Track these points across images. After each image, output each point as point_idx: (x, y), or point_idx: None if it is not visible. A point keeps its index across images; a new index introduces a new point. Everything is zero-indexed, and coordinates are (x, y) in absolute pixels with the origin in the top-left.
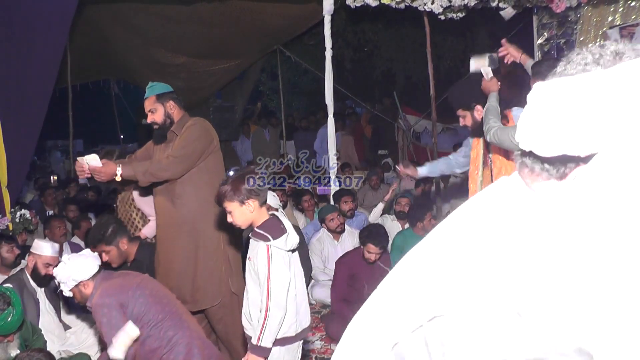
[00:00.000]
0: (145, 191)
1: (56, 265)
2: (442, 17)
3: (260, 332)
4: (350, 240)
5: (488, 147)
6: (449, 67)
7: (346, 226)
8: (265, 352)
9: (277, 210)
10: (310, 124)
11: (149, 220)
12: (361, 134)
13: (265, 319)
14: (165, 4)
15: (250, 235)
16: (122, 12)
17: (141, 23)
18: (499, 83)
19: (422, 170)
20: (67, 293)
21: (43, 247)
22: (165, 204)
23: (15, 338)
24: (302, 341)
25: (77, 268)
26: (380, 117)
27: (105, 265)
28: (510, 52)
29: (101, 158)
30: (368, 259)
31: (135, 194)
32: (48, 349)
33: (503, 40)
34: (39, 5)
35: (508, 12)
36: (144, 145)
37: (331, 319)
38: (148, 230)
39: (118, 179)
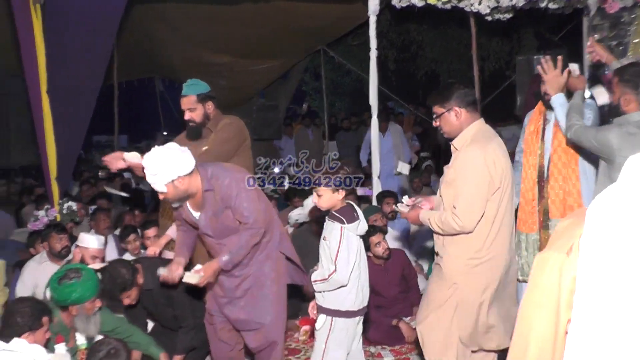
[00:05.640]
0: None
1: (100, 258)
2: (489, 18)
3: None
4: (391, 242)
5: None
6: (494, 69)
7: (388, 228)
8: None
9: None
10: (352, 125)
11: None
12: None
13: (325, 279)
14: (211, 5)
15: (327, 217)
16: (168, 13)
17: (186, 23)
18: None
19: None
20: (161, 188)
21: (89, 240)
22: None
23: (99, 312)
24: (362, 317)
25: (177, 160)
26: (423, 119)
27: (129, 307)
28: (596, 50)
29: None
30: (383, 253)
31: None
32: None
33: (590, 39)
34: (89, 6)
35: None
36: None
37: (368, 324)
38: (171, 231)
39: None
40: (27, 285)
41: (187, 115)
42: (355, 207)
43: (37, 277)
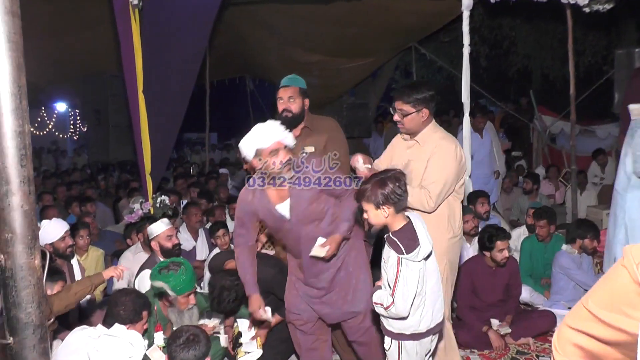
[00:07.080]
0: None
1: (176, 234)
2: (587, 10)
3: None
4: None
5: None
6: (589, 65)
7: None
8: None
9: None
10: (442, 123)
11: None
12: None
13: (387, 308)
14: (304, 4)
15: (385, 238)
16: (260, 13)
17: (278, 23)
18: None
19: None
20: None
21: (155, 228)
22: None
23: (195, 308)
24: (436, 334)
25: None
26: (515, 117)
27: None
28: None
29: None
30: (501, 260)
31: None
32: None
33: None
34: (184, 10)
35: None
36: None
37: (460, 325)
38: None
39: None
40: (124, 274)
41: (285, 105)
42: (416, 224)
43: (132, 266)
